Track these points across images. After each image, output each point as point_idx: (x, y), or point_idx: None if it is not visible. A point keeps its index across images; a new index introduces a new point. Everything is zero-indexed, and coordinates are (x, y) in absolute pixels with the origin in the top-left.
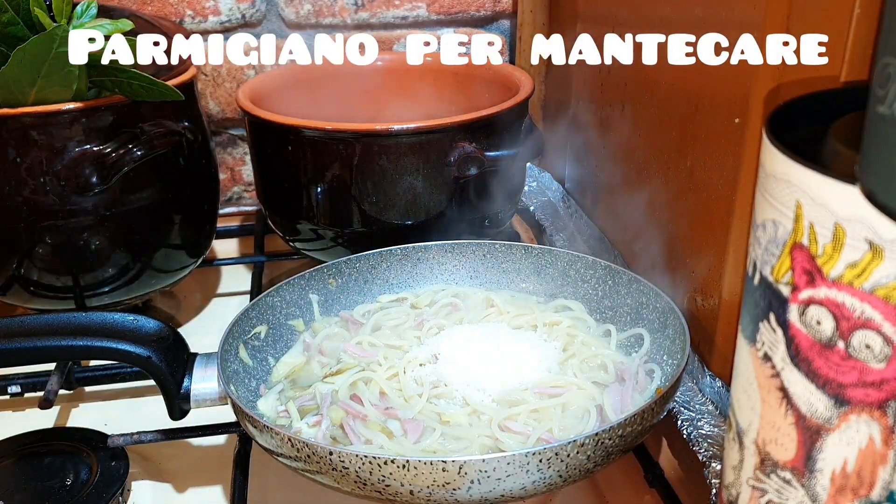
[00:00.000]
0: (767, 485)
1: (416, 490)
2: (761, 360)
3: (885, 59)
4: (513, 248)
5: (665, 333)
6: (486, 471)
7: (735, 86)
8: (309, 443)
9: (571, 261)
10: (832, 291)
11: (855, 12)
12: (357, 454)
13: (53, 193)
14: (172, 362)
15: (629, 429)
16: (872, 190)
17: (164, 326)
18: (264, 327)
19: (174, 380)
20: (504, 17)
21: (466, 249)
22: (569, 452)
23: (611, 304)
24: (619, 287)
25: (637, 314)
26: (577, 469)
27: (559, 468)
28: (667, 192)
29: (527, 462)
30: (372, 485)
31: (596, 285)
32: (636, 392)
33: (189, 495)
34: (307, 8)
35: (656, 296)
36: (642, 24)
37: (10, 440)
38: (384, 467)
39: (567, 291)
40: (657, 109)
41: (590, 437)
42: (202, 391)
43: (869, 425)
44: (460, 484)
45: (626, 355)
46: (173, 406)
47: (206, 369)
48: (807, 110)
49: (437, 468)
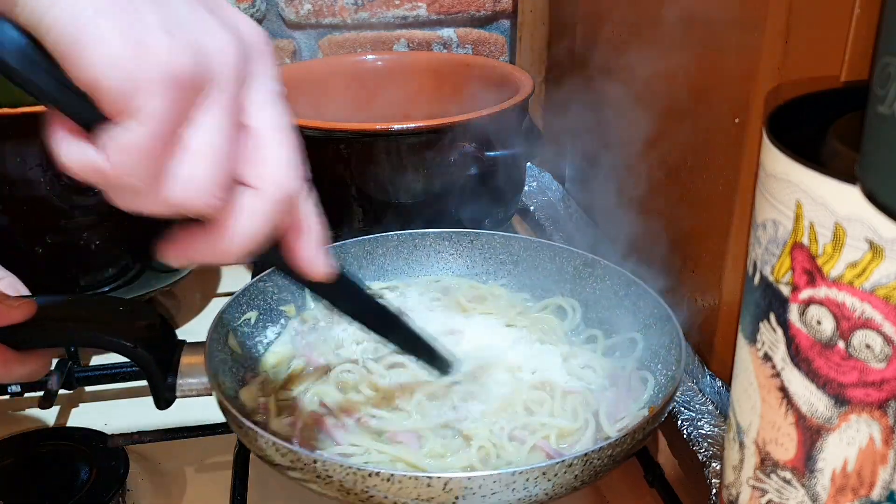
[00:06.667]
0: (768, 485)
1: (400, 502)
2: (761, 360)
3: (885, 59)
4: (511, 241)
5: (661, 342)
6: (472, 488)
7: (735, 86)
8: (293, 449)
9: (570, 257)
10: (832, 291)
11: (855, 12)
12: (342, 464)
13: (53, 193)
14: (159, 352)
15: (619, 448)
16: (872, 190)
17: (153, 313)
18: (255, 313)
19: (160, 369)
20: (504, 17)
21: (464, 238)
22: (556, 472)
23: (607, 304)
24: (618, 288)
25: (633, 317)
26: (564, 487)
27: (545, 487)
28: (667, 192)
29: (513, 481)
30: (355, 494)
31: (594, 284)
32: (630, 400)
33: (189, 495)
34: (307, 8)
35: (655, 302)
36: (642, 24)
37: (10, 440)
38: (368, 479)
39: (564, 288)
40: (657, 109)
41: (578, 458)
42: (188, 382)
43: (869, 425)
44: (445, 500)
45: (622, 357)
46: (158, 396)
47: (194, 358)
48: (807, 110)
49: (422, 483)
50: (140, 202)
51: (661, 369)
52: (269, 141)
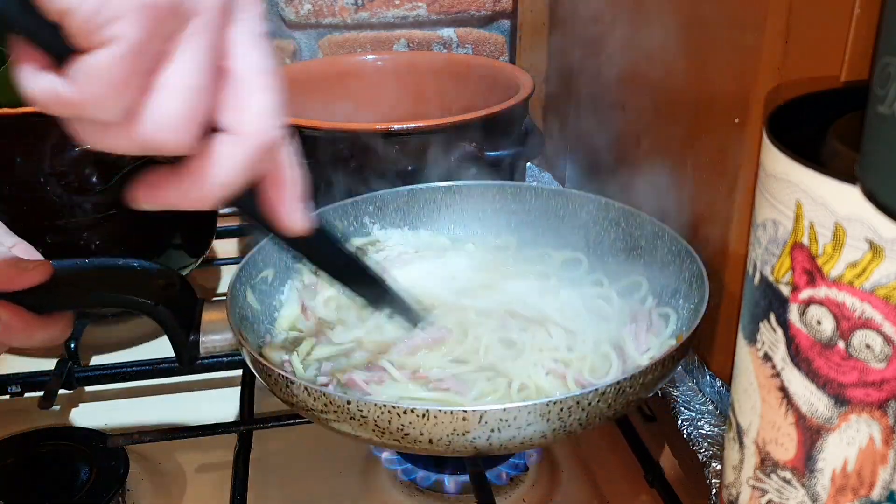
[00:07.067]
0: (768, 485)
1: (436, 438)
2: (761, 360)
3: (885, 59)
4: (522, 189)
5: (681, 277)
6: (507, 420)
7: (735, 86)
8: (326, 392)
9: (582, 202)
10: (832, 291)
11: (855, 12)
12: (376, 403)
13: (53, 193)
14: (179, 310)
15: (650, 376)
16: (872, 190)
17: (170, 272)
18: (271, 271)
19: (182, 327)
20: (504, 17)
21: (474, 191)
22: (590, 401)
23: (623, 245)
24: (633, 229)
25: (651, 256)
26: (598, 416)
27: (580, 416)
28: (667, 191)
29: (548, 411)
30: (391, 433)
31: (609, 227)
32: (650, 334)
33: (189, 495)
34: (307, 8)
35: (672, 238)
36: (642, 24)
37: (10, 440)
38: (403, 416)
39: (578, 234)
40: (657, 110)
41: (611, 386)
42: (211, 339)
43: (869, 425)
44: (480, 432)
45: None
46: (182, 355)
47: (216, 315)
48: (807, 110)
49: (458, 417)
50: (109, 138)
51: (684, 304)
52: (252, 85)
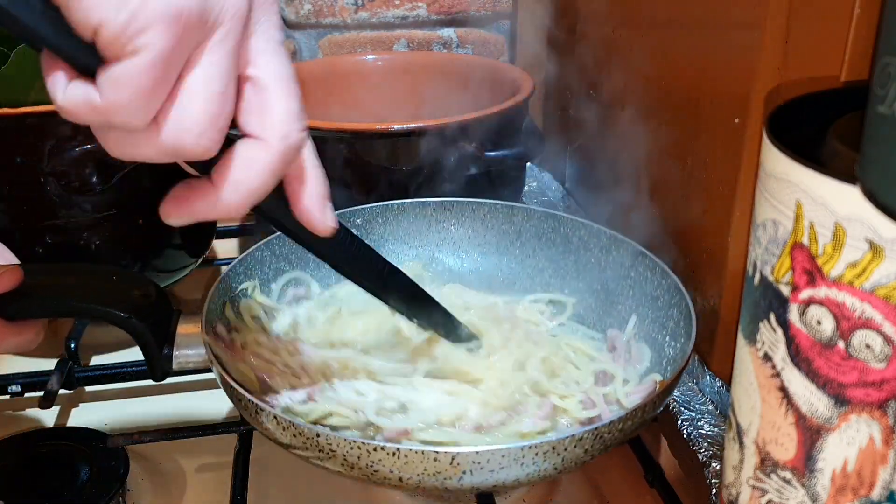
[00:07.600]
0: (767, 485)
1: (405, 477)
2: (761, 360)
3: (885, 59)
4: (515, 210)
5: (669, 313)
6: (480, 462)
7: (735, 86)
8: (295, 423)
9: (575, 227)
10: (832, 291)
11: (855, 12)
12: (345, 438)
13: (53, 193)
14: (154, 322)
15: (629, 423)
16: (872, 190)
17: (147, 282)
18: (253, 283)
19: (156, 341)
20: (504, 17)
21: (466, 208)
22: (566, 446)
23: (613, 274)
24: (624, 259)
25: (641, 289)
26: (573, 461)
27: (555, 461)
28: (667, 192)
29: (522, 455)
30: (360, 469)
31: (599, 255)
32: (629, 365)
33: (189, 495)
34: (307, 8)
35: (662, 273)
36: (642, 24)
37: (10, 440)
38: (373, 453)
39: (568, 259)
40: (657, 109)
41: (589, 432)
42: (185, 353)
43: (869, 425)
44: (452, 474)
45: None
46: (155, 368)
47: (191, 328)
48: (807, 110)
49: (429, 457)
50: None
51: (669, 341)
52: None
